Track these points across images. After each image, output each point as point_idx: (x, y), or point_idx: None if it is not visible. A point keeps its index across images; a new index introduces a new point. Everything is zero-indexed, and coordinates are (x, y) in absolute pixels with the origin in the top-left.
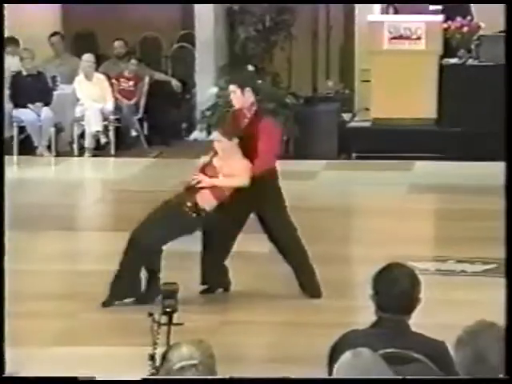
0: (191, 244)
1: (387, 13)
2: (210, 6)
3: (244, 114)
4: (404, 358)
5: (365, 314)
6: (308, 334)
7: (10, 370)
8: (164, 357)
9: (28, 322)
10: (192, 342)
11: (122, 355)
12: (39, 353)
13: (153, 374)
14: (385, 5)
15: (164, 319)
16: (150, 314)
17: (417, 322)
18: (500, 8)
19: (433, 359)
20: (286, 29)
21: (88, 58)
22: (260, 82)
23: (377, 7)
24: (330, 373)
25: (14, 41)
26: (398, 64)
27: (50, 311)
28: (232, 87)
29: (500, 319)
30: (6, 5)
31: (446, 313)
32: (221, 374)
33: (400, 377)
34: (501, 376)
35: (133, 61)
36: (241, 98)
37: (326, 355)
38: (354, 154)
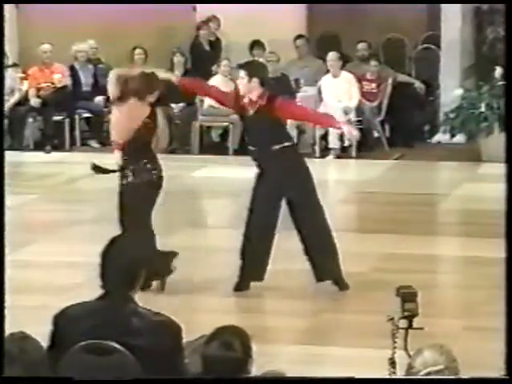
0: None
1: None
2: (458, 6)
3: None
4: None
5: None
6: None
7: (257, 366)
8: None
9: (272, 319)
10: (433, 347)
11: (361, 357)
12: (285, 350)
13: None
14: None
15: (404, 323)
16: (391, 318)
17: None
18: None
19: None
20: None
21: (332, 55)
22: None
23: None
24: None
25: (260, 44)
26: None
27: (293, 310)
28: (241, 73)
29: None
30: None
31: None
32: None
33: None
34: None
35: (373, 62)
36: (246, 86)
37: None
38: None
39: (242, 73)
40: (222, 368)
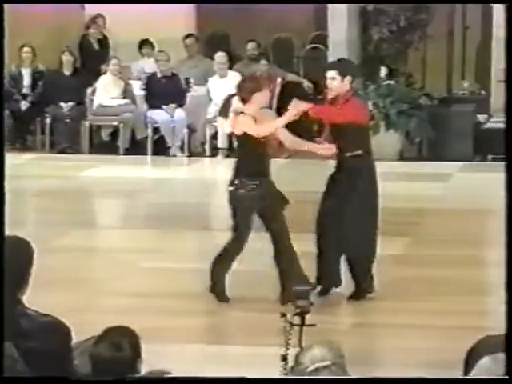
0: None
1: None
2: (344, 6)
3: (338, 101)
4: None
5: (501, 318)
6: (442, 337)
7: (148, 366)
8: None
9: (166, 319)
10: (323, 344)
11: (255, 355)
12: (177, 350)
13: (285, 375)
14: None
15: (296, 320)
16: (283, 315)
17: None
18: None
19: None
20: (421, 29)
21: (219, 58)
22: (393, 82)
23: None
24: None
25: (149, 43)
26: None
27: (186, 309)
28: (332, 73)
29: None
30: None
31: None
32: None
33: None
34: None
35: (263, 61)
36: (340, 86)
37: (461, 359)
38: (489, 156)
39: (333, 73)
40: (111, 368)
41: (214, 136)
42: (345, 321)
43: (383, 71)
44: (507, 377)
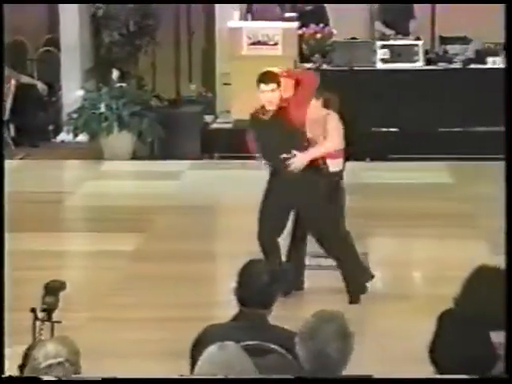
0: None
1: (245, 19)
2: (75, 10)
3: None
4: (263, 350)
5: (227, 308)
6: (172, 329)
7: None
8: (27, 355)
9: None
10: (56, 340)
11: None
12: None
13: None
14: (244, 11)
15: (43, 316)
16: (33, 310)
17: (280, 314)
18: (355, 16)
19: (289, 350)
20: (150, 33)
21: None
22: (125, 85)
23: (236, 14)
24: (193, 367)
25: None
26: (256, 68)
27: None
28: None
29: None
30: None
31: (303, 307)
32: (86, 370)
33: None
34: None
35: None
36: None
37: (188, 349)
38: (216, 154)
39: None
40: None
41: None
42: (81, 316)
43: (115, 74)
44: (507, 376)
